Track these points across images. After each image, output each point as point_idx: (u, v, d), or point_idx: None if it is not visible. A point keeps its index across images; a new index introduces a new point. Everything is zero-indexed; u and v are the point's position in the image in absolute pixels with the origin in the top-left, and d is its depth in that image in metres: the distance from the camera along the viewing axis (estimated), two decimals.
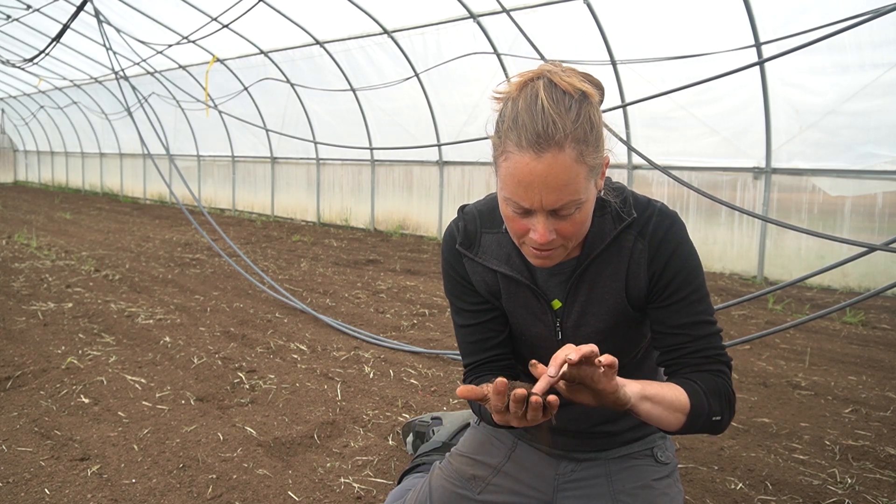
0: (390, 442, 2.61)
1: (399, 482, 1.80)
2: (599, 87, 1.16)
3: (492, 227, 1.35)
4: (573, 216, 1.13)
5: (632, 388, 1.12)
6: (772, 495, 2.21)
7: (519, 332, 1.40)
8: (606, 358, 1.00)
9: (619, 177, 5.75)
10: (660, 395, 1.16)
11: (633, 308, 1.31)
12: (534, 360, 1.06)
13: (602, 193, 1.25)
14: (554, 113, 1.07)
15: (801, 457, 2.51)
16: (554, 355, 1.02)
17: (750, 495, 2.21)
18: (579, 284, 1.30)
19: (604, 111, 1.23)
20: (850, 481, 2.31)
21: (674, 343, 1.29)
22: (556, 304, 1.33)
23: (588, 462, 1.46)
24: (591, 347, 1.01)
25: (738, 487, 2.26)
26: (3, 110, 19.77)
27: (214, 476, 2.29)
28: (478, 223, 1.37)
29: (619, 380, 1.08)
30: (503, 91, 1.16)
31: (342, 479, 2.29)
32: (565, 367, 1.00)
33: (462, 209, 1.41)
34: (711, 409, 1.22)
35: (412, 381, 3.33)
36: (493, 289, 1.37)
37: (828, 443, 2.63)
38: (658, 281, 1.27)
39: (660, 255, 1.26)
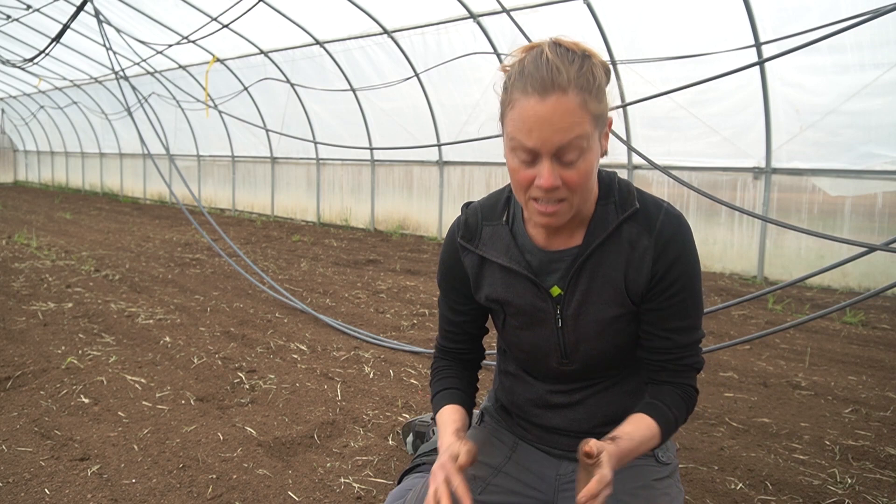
0: (390, 442, 2.61)
1: (399, 482, 1.80)
2: (606, 69, 1.21)
3: (492, 220, 1.38)
4: (577, 165, 1.15)
5: (611, 463, 1.16)
6: (772, 495, 2.21)
7: (519, 323, 1.40)
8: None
9: None
10: (635, 450, 1.25)
11: (632, 301, 1.32)
12: (588, 448, 1.11)
13: (606, 175, 1.31)
14: (559, 62, 1.13)
15: (801, 457, 2.50)
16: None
17: (750, 495, 2.21)
18: (580, 273, 1.31)
19: None
20: (850, 481, 2.31)
21: (659, 346, 1.33)
22: (556, 290, 1.34)
23: None
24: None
25: (738, 487, 2.26)
26: (3, 110, 19.77)
27: (214, 476, 2.29)
28: (479, 216, 1.40)
29: (604, 457, 1.14)
30: (509, 62, 1.22)
31: (342, 479, 2.29)
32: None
33: (466, 206, 1.44)
34: (677, 426, 1.34)
35: (412, 381, 3.32)
36: (491, 281, 1.38)
37: (828, 443, 2.63)
38: (660, 282, 1.28)
39: (665, 255, 1.27)
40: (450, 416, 1.39)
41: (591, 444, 1.12)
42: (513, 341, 1.45)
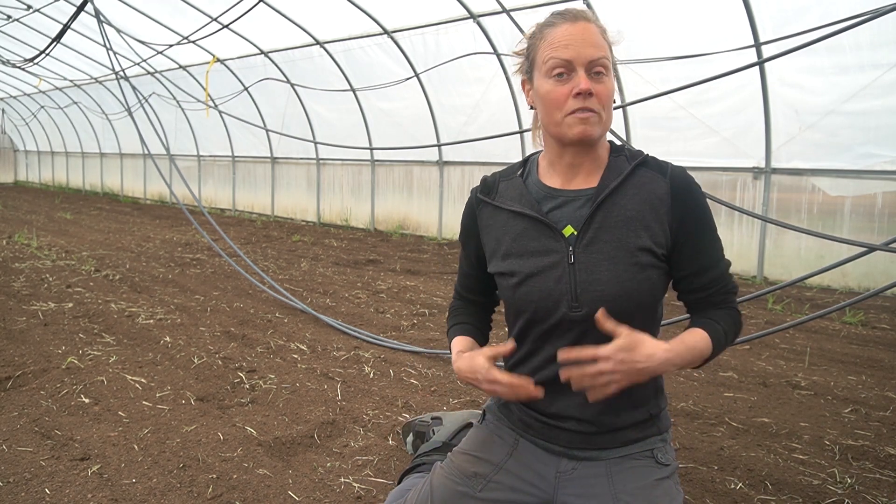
0: (390, 442, 2.61)
1: (399, 482, 1.81)
2: None
3: (509, 176, 1.54)
4: (604, 81, 1.34)
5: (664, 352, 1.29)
6: (771, 495, 2.22)
7: (530, 270, 1.42)
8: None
9: None
10: (688, 352, 1.35)
11: (652, 242, 1.37)
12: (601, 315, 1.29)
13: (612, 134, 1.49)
14: (577, 7, 1.40)
15: (801, 457, 2.51)
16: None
17: (750, 495, 2.21)
18: (596, 212, 1.40)
19: None
20: (849, 481, 2.31)
21: (699, 284, 1.44)
22: (569, 230, 1.41)
23: (589, 462, 1.47)
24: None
25: (737, 487, 2.26)
26: (3, 110, 19.77)
27: (215, 476, 2.29)
28: (497, 175, 1.57)
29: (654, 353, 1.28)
30: (525, 39, 1.48)
31: (342, 479, 2.30)
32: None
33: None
34: (727, 338, 1.44)
35: (412, 381, 3.33)
36: (502, 233, 1.48)
37: (827, 443, 2.63)
38: (683, 222, 1.38)
39: (685, 195, 1.39)
40: (458, 344, 1.56)
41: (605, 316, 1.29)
42: (523, 294, 1.43)
